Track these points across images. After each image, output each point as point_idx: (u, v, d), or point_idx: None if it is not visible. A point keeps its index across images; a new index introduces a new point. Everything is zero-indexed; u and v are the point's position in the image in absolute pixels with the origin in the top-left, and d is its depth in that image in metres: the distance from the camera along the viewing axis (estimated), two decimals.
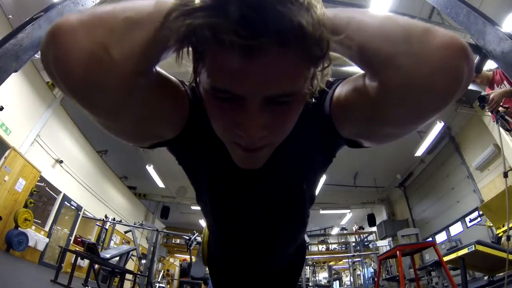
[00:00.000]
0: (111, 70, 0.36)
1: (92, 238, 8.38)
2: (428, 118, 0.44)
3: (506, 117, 2.57)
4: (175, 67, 0.46)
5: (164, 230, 10.06)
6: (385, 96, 0.41)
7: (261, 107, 0.41)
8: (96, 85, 0.37)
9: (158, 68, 0.46)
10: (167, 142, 0.60)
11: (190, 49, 0.39)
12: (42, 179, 6.48)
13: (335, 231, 15.80)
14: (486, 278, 3.97)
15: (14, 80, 5.17)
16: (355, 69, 0.47)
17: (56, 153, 7.03)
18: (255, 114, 0.41)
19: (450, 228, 8.50)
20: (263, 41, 0.33)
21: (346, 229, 15.00)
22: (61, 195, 7.32)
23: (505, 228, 3.49)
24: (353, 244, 12.02)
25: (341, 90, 0.53)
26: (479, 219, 6.60)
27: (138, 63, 0.38)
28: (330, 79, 0.53)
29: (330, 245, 14.83)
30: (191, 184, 0.77)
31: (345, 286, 11.68)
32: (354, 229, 13.96)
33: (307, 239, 11.50)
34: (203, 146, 0.61)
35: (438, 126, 7.44)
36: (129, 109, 0.43)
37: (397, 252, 3.44)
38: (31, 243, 5.75)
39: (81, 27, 0.36)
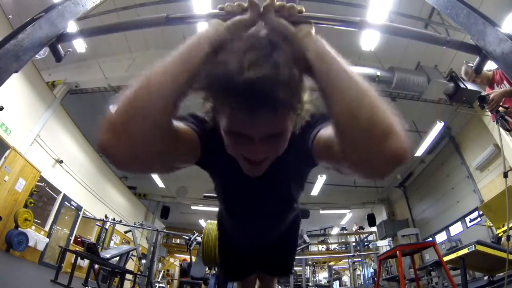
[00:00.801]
0: (142, 154, 0.55)
1: (92, 238, 8.38)
2: (371, 178, 0.59)
3: (506, 117, 2.57)
4: None
5: (164, 230, 10.07)
6: (343, 157, 0.57)
7: (262, 140, 0.61)
8: (132, 165, 0.56)
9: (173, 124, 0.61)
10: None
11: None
12: (42, 179, 6.49)
13: (335, 231, 15.80)
14: (486, 278, 3.97)
15: (14, 80, 5.17)
16: None
17: (56, 153, 7.03)
18: (259, 146, 0.62)
19: (450, 228, 8.50)
20: (262, 109, 0.53)
21: (346, 229, 15.00)
22: (61, 195, 7.32)
23: (505, 228, 3.49)
24: (353, 244, 12.02)
25: (321, 134, 0.71)
26: (479, 219, 6.61)
27: (159, 145, 0.56)
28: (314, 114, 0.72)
29: (330, 245, 14.82)
30: (210, 178, 0.99)
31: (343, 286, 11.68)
32: (354, 229, 13.96)
33: (307, 239, 11.50)
34: (218, 161, 0.82)
35: (438, 126, 7.44)
36: (158, 163, 0.63)
37: (397, 252, 3.44)
38: (31, 243, 5.75)
39: (116, 139, 0.52)
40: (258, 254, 1.32)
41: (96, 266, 5.37)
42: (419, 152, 8.56)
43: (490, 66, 2.76)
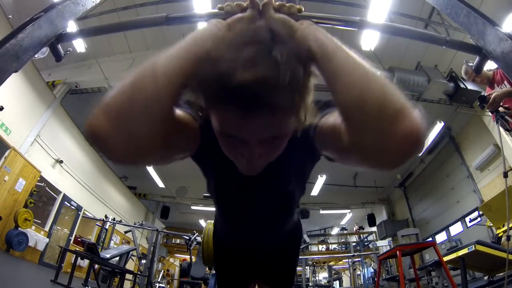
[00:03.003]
0: (140, 145, 0.49)
1: (92, 238, 8.37)
2: (382, 170, 0.53)
3: (506, 117, 2.57)
4: None
5: (164, 230, 10.06)
6: (351, 145, 0.52)
7: (258, 144, 0.56)
8: (131, 157, 0.51)
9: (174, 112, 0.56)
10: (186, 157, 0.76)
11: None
12: (42, 179, 6.48)
13: (335, 231, 15.80)
14: (486, 278, 3.97)
15: (14, 80, 5.17)
16: None
17: (56, 153, 7.03)
18: (254, 150, 0.57)
19: (450, 228, 8.50)
20: (257, 112, 0.48)
21: (346, 229, 15.00)
22: (61, 195, 7.32)
23: (505, 228, 3.48)
24: (353, 244, 12.02)
25: (325, 121, 0.64)
26: (479, 219, 6.61)
27: (157, 132, 0.50)
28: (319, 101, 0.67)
29: (330, 245, 14.82)
30: (203, 176, 0.92)
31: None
32: (354, 229, 13.96)
33: (307, 239, 11.51)
34: (213, 158, 0.76)
35: (438, 126, 7.44)
36: (155, 155, 0.57)
37: (397, 252, 3.44)
38: (31, 243, 5.75)
39: (110, 127, 0.46)
40: (255, 263, 1.23)
41: (96, 266, 5.37)
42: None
43: (490, 66, 2.76)
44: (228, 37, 0.53)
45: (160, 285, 9.22)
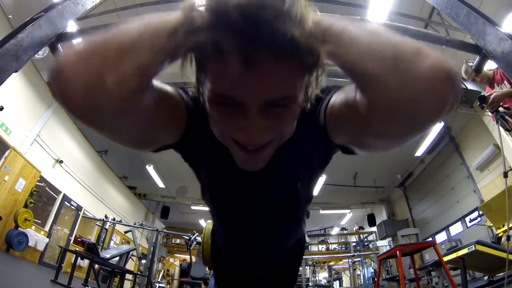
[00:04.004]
0: (107, 96, 0.40)
1: (92, 238, 8.37)
2: (414, 135, 0.46)
3: (506, 117, 2.57)
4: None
5: (164, 230, 10.06)
6: (372, 112, 0.43)
7: (260, 110, 0.45)
8: (95, 110, 0.41)
9: (154, 81, 0.47)
10: (170, 146, 0.64)
11: (194, 61, 0.45)
12: (42, 179, 6.48)
13: (335, 231, 15.79)
14: (486, 278, 3.97)
15: (14, 80, 5.17)
16: None
17: (56, 153, 7.03)
18: (255, 118, 0.45)
19: (450, 228, 8.49)
20: (260, 53, 0.38)
21: (346, 229, 15.00)
22: (61, 195, 7.32)
23: (505, 228, 3.49)
24: (353, 244, 12.02)
25: (334, 100, 0.55)
26: (479, 219, 6.60)
27: (132, 85, 0.41)
28: (326, 86, 0.56)
29: (330, 245, 14.81)
30: (197, 179, 0.81)
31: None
32: (354, 229, 13.96)
33: (307, 239, 11.50)
34: (204, 148, 0.65)
35: (438, 126, 7.43)
36: (128, 123, 0.47)
37: (397, 252, 3.44)
38: (31, 243, 5.75)
39: (77, 61, 0.40)
40: (254, 280, 1.11)
41: (96, 266, 5.37)
42: (419, 152, 8.55)
43: (490, 65, 2.76)
44: None
45: (160, 285, 9.22)
